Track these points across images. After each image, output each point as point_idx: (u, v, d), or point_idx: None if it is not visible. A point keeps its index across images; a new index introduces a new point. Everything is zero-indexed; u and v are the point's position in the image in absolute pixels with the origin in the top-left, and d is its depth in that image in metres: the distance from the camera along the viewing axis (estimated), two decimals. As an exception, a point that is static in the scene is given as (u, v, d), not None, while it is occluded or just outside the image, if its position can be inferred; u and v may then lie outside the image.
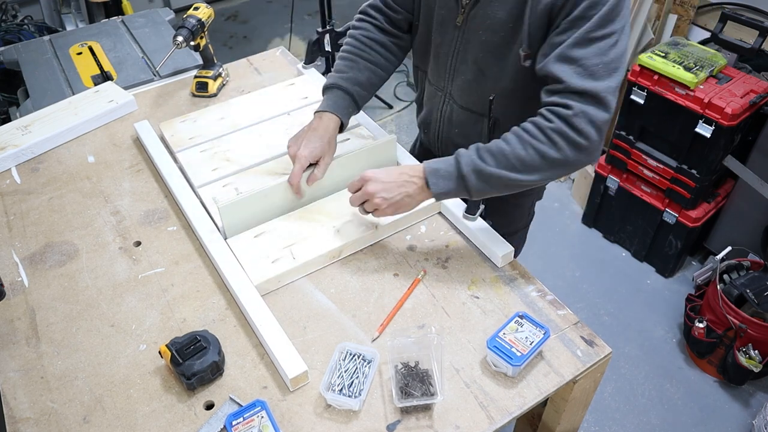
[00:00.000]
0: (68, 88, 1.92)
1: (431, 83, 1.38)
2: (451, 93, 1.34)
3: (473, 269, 1.20)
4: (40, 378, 1.04)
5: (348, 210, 1.27)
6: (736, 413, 2.10)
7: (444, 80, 1.33)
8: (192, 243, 1.27)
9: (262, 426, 0.92)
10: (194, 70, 1.81)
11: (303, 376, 1.00)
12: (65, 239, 1.30)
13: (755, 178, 2.16)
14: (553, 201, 2.96)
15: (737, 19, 2.14)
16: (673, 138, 2.26)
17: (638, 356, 2.28)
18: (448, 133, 1.40)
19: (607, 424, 2.08)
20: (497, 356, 1.00)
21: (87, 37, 2.19)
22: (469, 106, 1.32)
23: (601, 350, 1.06)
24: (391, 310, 1.12)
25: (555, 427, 1.15)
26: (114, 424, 0.97)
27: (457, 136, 1.38)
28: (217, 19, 4.49)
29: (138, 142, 1.55)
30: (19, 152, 1.50)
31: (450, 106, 1.36)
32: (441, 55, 1.30)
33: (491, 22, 1.16)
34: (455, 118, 1.37)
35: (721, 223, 2.45)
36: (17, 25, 3.19)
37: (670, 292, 2.52)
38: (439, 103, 1.38)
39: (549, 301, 1.14)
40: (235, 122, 1.54)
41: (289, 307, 1.14)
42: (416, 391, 0.97)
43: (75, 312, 1.14)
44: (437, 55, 1.32)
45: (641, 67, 2.22)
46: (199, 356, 1.00)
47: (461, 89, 1.31)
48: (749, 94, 2.08)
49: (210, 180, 1.37)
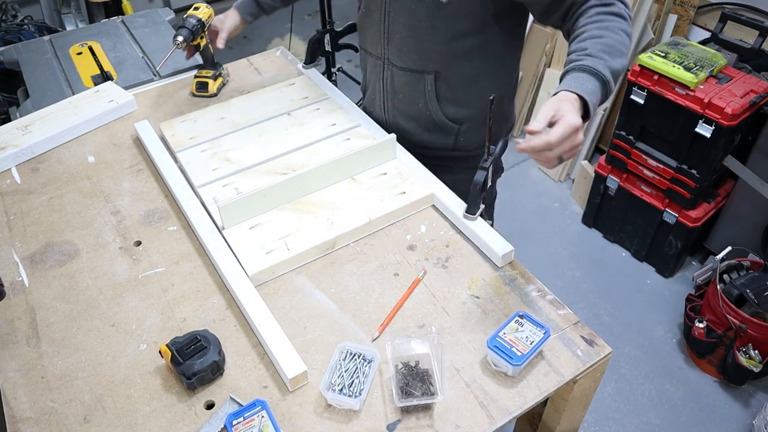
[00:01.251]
0: (68, 88, 1.92)
1: (370, 54, 1.43)
2: (389, 58, 1.38)
3: (473, 269, 1.20)
4: (40, 378, 1.04)
5: (342, 202, 1.29)
6: (736, 413, 2.10)
7: (380, 46, 1.37)
8: (192, 243, 1.27)
9: (263, 426, 0.92)
10: (194, 70, 1.81)
11: (302, 377, 1.00)
12: (65, 239, 1.30)
13: (755, 178, 2.16)
14: (553, 201, 2.96)
15: (737, 19, 2.14)
16: (673, 138, 2.26)
17: (638, 356, 2.28)
18: (392, 101, 1.44)
19: (607, 424, 2.08)
20: (497, 356, 1.00)
21: (87, 37, 2.19)
22: (408, 65, 1.36)
23: (601, 350, 1.06)
24: (391, 310, 1.12)
25: (555, 426, 1.15)
26: (114, 423, 0.97)
27: (401, 102, 1.43)
28: (217, 19, 4.50)
29: (138, 142, 1.55)
30: (19, 152, 1.50)
31: (390, 71, 1.40)
32: (374, 21, 1.35)
33: None
34: (397, 82, 1.40)
35: (721, 223, 2.45)
36: (17, 25, 3.19)
37: (670, 292, 2.52)
38: (380, 72, 1.42)
39: (549, 300, 1.14)
40: (235, 122, 1.54)
41: (289, 307, 1.14)
42: (416, 390, 0.97)
43: (75, 312, 1.14)
44: (371, 23, 1.36)
45: (641, 67, 2.22)
46: (199, 356, 1.00)
47: (398, 49, 1.35)
48: (749, 94, 2.08)
49: (210, 180, 1.37)
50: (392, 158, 1.41)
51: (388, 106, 1.47)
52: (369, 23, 1.38)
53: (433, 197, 1.32)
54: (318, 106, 1.57)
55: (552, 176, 3.07)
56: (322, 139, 1.47)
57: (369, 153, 1.37)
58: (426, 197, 1.31)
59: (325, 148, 1.44)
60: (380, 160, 1.39)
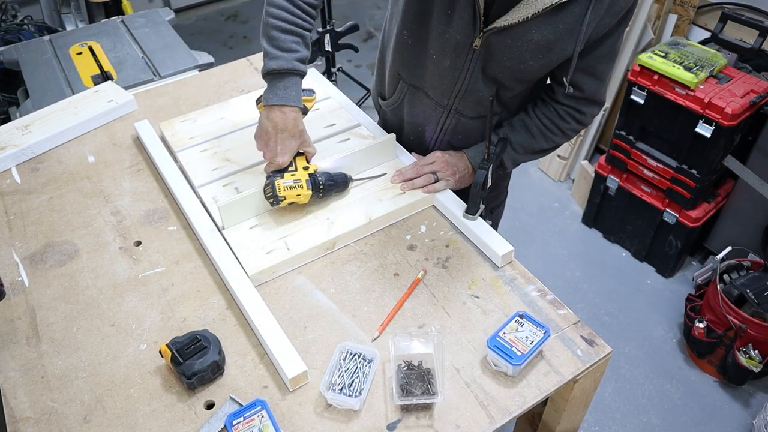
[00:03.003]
0: (68, 88, 1.93)
1: (430, 98, 1.34)
2: (458, 108, 1.31)
3: (473, 269, 1.20)
4: (40, 378, 1.04)
5: (342, 202, 1.29)
6: (736, 413, 2.10)
7: (448, 98, 1.30)
8: (192, 243, 1.27)
9: (263, 425, 0.92)
10: (194, 70, 1.81)
11: (302, 376, 1.00)
12: (65, 239, 1.30)
13: (755, 178, 2.16)
14: (553, 201, 2.96)
15: (737, 19, 2.14)
16: (673, 138, 2.26)
17: (638, 356, 2.28)
18: (449, 140, 1.39)
19: (607, 424, 2.08)
20: (497, 356, 1.00)
21: (87, 37, 2.19)
22: (480, 113, 1.31)
23: (601, 350, 1.06)
24: (391, 310, 1.12)
25: (555, 426, 1.15)
26: (114, 423, 0.97)
27: (459, 141, 1.38)
28: (217, 19, 4.51)
29: (138, 141, 1.55)
30: (19, 152, 1.50)
31: (455, 119, 1.34)
32: (448, 76, 1.26)
33: (521, 52, 1.14)
34: (461, 128, 1.35)
35: (721, 223, 2.45)
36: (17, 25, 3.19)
37: (670, 292, 2.52)
38: (440, 117, 1.35)
39: (549, 300, 1.14)
40: (235, 122, 1.54)
41: (289, 307, 1.14)
42: (417, 389, 0.97)
43: (75, 312, 1.14)
44: (443, 77, 1.27)
45: (641, 67, 2.22)
46: (199, 356, 1.00)
47: (473, 104, 1.29)
48: (749, 94, 2.08)
49: (210, 180, 1.37)
50: (392, 158, 1.41)
51: (439, 143, 1.41)
52: (439, 74, 1.27)
53: (433, 197, 1.32)
54: (318, 106, 1.57)
55: (552, 176, 3.07)
56: (322, 139, 1.47)
57: (369, 153, 1.37)
58: (426, 197, 1.31)
59: (325, 148, 1.44)
60: (380, 160, 1.39)
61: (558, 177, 3.05)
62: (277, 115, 1.18)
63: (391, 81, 1.40)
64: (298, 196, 1.23)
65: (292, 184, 1.22)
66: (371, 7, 4.35)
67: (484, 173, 1.20)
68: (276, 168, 1.22)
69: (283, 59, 1.17)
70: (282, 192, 1.21)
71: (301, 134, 1.23)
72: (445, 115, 1.34)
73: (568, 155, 2.96)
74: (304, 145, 1.25)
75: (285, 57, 1.17)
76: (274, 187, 1.21)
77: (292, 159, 1.24)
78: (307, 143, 1.25)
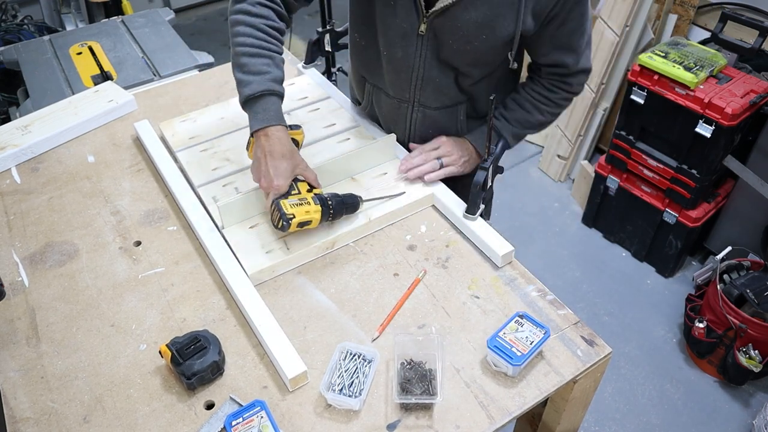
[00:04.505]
0: (68, 88, 1.93)
1: (390, 96, 1.35)
2: (420, 101, 1.33)
3: (473, 269, 1.20)
4: (40, 378, 1.04)
5: None
6: (736, 413, 2.10)
7: (409, 91, 1.32)
8: (192, 243, 1.27)
9: (262, 426, 0.92)
10: (194, 70, 1.81)
11: (302, 377, 1.00)
12: (65, 239, 1.29)
13: (755, 178, 2.16)
14: (553, 201, 2.96)
15: (737, 19, 2.14)
16: (673, 138, 2.26)
17: (638, 356, 2.28)
18: (421, 134, 1.41)
19: (607, 424, 2.08)
20: (497, 356, 1.00)
21: (87, 37, 2.20)
22: (444, 103, 1.33)
23: (601, 350, 1.06)
24: (391, 310, 1.12)
25: (555, 426, 1.15)
26: (114, 423, 0.97)
27: (431, 135, 1.40)
28: (217, 19, 4.51)
29: (138, 141, 1.55)
30: (19, 152, 1.50)
31: (421, 113, 1.36)
32: (403, 68, 1.28)
33: (464, 32, 1.17)
34: (429, 120, 1.37)
35: (721, 223, 2.45)
36: (17, 25, 3.19)
37: (670, 292, 2.52)
38: (406, 113, 1.37)
39: (549, 300, 1.14)
40: (235, 122, 1.53)
41: (289, 307, 1.14)
42: (416, 389, 0.97)
43: (75, 312, 1.14)
44: (398, 70, 1.28)
45: (641, 67, 2.22)
46: (199, 356, 1.00)
47: (434, 94, 1.31)
48: (749, 94, 2.08)
49: (210, 179, 1.37)
50: (392, 158, 1.41)
51: (414, 136, 1.42)
52: (393, 68, 1.29)
53: (433, 197, 1.32)
54: (318, 106, 1.57)
55: (552, 176, 3.07)
56: (322, 139, 1.47)
57: (369, 153, 1.37)
58: (426, 197, 1.31)
59: (325, 148, 1.44)
60: (380, 160, 1.39)
61: (558, 177, 3.05)
62: (262, 140, 1.14)
63: (358, 85, 1.45)
64: (308, 212, 1.14)
65: (298, 202, 1.14)
66: (371, 7, 4.34)
67: (484, 173, 1.20)
68: (276, 194, 1.14)
69: (256, 82, 1.14)
70: (289, 210, 1.12)
71: (292, 155, 1.16)
72: (410, 110, 1.37)
73: (568, 155, 2.96)
74: (299, 168, 1.17)
75: (257, 80, 1.14)
76: (279, 207, 1.12)
77: (291, 183, 1.15)
78: (301, 167, 1.18)
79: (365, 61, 1.37)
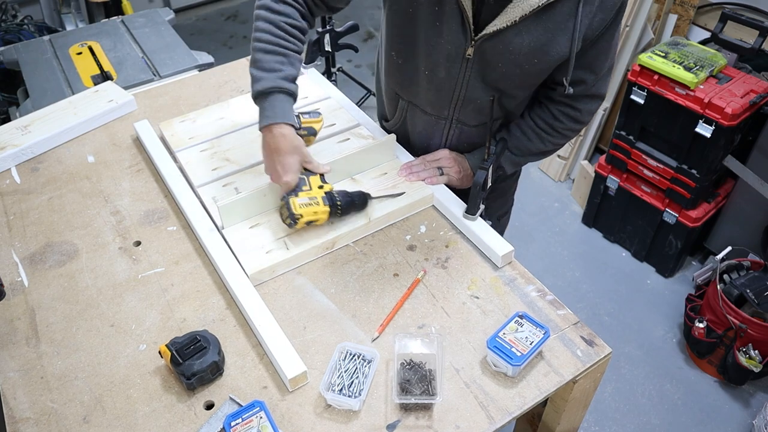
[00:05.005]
0: (68, 88, 1.93)
1: (427, 113, 1.34)
2: (459, 118, 1.31)
3: (473, 269, 1.20)
4: (40, 378, 1.04)
5: None
6: (736, 413, 2.10)
7: (448, 109, 1.30)
8: (192, 243, 1.27)
9: (261, 426, 0.92)
10: (194, 70, 1.81)
11: (302, 377, 1.00)
12: (65, 239, 1.29)
13: (755, 178, 2.16)
14: (553, 201, 2.96)
15: (737, 19, 2.14)
16: (673, 138, 2.26)
17: (638, 356, 2.28)
18: (455, 148, 1.39)
19: (607, 424, 2.08)
20: (497, 356, 1.00)
21: (87, 37, 2.19)
22: (482, 121, 1.31)
23: (601, 350, 1.06)
24: (391, 310, 1.12)
25: (555, 427, 1.15)
26: (114, 424, 0.97)
27: (466, 148, 1.39)
28: (217, 19, 4.51)
29: (138, 142, 1.55)
30: (19, 152, 1.50)
31: (458, 129, 1.34)
32: (445, 88, 1.26)
33: (515, 56, 1.14)
34: (465, 137, 1.36)
35: (721, 223, 2.45)
36: (17, 25, 3.19)
37: (670, 292, 2.52)
38: (443, 129, 1.35)
39: (549, 301, 1.14)
40: (235, 122, 1.53)
41: (289, 307, 1.14)
42: (416, 389, 0.97)
43: (75, 312, 1.14)
44: (439, 89, 1.26)
45: (641, 67, 2.22)
46: (199, 356, 1.00)
47: (473, 113, 1.29)
48: (749, 94, 2.08)
49: (210, 180, 1.37)
50: (392, 158, 1.41)
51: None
52: (434, 87, 1.26)
53: (433, 197, 1.32)
54: (318, 106, 1.57)
55: (552, 176, 3.07)
56: (322, 139, 1.47)
57: (369, 153, 1.37)
58: (426, 197, 1.31)
59: (325, 148, 1.44)
60: (380, 160, 1.39)
61: (558, 177, 3.05)
62: (267, 137, 1.17)
63: (390, 102, 1.42)
64: (315, 213, 1.17)
65: (308, 201, 1.17)
66: (371, 7, 4.35)
67: (484, 173, 1.20)
68: (287, 189, 1.18)
69: (267, 79, 1.15)
70: (297, 210, 1.15)
71: (297, 149, 1.18)
72: (447, 126, 1.34)
73: (568, 155, 2.96)
74: (305, 161, 1.20)
75: (268, 77, 1.15)
76: (289, 206, 1.16)
77: (302, 177, 1.19)
78: (307, 159, 1.20)
79: (401, 79, 1.32)
